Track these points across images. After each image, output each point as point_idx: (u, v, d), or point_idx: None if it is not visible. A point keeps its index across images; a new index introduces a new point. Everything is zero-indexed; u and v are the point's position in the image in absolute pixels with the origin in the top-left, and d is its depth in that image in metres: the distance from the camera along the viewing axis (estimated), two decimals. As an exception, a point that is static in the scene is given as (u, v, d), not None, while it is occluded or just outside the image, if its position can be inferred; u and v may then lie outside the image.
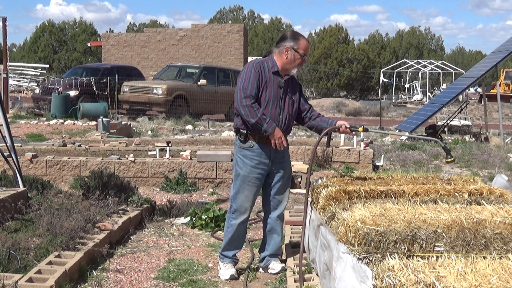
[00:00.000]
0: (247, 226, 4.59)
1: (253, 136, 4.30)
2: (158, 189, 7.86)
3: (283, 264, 4.54)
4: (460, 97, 23.57)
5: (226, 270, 4.45)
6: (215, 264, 4.75)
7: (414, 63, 42.32)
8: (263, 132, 4.21)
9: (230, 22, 57.93)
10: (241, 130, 4.32)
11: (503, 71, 38.84)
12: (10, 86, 21.11)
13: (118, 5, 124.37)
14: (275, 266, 4.52)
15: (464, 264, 2.57)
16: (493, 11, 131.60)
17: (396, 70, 41.68)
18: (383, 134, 14.62)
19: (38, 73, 35.19)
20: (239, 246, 4.54)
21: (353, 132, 4.38)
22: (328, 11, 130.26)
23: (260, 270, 4.58)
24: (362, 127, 4.29)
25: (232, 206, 4.46)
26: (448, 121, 16.45)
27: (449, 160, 4.32)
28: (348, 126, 4.29)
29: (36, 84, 32.58)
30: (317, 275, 3.96)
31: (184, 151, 8.71)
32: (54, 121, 16.04)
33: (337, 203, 3.67)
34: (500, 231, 2.93)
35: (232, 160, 6.20)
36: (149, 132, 14.35)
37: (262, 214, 4.73)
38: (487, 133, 15.96)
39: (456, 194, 3.82)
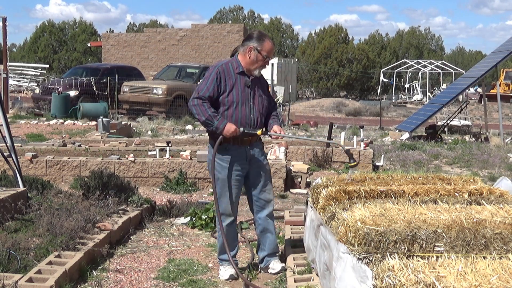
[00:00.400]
0: (236, 227, 4.60)
1: (227, 139, 4.29)
2: (158, 189, 7.86)
3: (283, 264, 4.54)
4: (460, 97, 23.58)
5: (225, 271, 4.45)
6: (215, 264, 4.75)
7: (414, 63, 42.32)
8: (215, 130, 4.21)
9: (230, 22, 57.88)
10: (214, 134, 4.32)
11: (503, 71, 38.81)
12: (10, 86, 21.11)
13: (117, 5, 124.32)
14: (275, 266, 4.52)
15: (464, 264, 2.57)
16: (493, 11, 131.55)
17: (396, 70, 41.69)
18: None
19: (38, 73, 35.17)
20: (233, 247, 4.53)
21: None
22: (328, 11, 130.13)
23: (260, 270, 4.58)
24: (261, 130, 4.35)
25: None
26: (448, 121, 16.46)
27: (352, 164, 4.31)
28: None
29: (36, 84, 32.57)
30: (317, 275, 3.96)
31: (184, 151, 8.71)
32: (54, 121, 16.04)
33: (337, 203, 3.66)
34: (500, 231, 2.93)
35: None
36: (149, 132, 14.35)
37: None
38: (487, 133, 15.96)
39: (456, 194, 3.82)
